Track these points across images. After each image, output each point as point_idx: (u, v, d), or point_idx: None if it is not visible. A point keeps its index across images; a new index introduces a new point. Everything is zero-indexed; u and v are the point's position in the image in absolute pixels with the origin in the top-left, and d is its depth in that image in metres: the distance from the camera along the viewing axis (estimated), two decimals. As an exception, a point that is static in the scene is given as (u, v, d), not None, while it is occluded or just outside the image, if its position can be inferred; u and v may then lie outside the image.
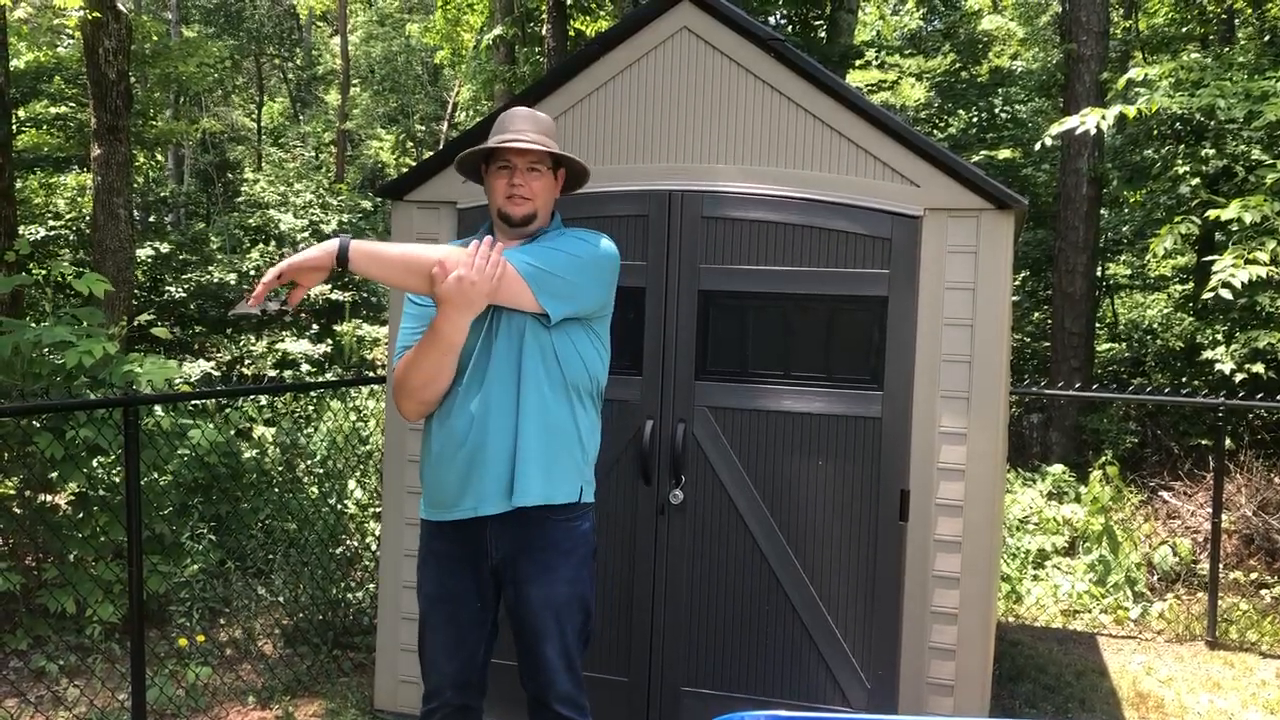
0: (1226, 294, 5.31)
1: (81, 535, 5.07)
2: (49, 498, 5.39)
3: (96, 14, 8.84)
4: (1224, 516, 6.27)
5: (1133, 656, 5.57)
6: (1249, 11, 11.07)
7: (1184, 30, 12.12)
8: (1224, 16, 11.56)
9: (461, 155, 2.88)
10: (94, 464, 5.25)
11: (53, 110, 14.74)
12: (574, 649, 2.80)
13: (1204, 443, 8.99)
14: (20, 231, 10.36)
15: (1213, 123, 8.84)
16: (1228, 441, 6.94)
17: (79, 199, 13.24)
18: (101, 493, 5.18)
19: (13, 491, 5.08)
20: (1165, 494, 7.84)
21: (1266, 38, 10.29)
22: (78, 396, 5.15)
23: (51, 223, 12.78)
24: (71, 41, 14.71)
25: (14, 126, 11.13)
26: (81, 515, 5.15)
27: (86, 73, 9.45)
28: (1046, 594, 6.45)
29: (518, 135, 2.76)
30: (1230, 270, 5.31)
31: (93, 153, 9.36)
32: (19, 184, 11.53)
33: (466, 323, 2.58)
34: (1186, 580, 6.66)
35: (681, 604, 3.79)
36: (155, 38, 15.09)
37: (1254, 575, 6.80)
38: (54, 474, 5.09)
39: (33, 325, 5.24)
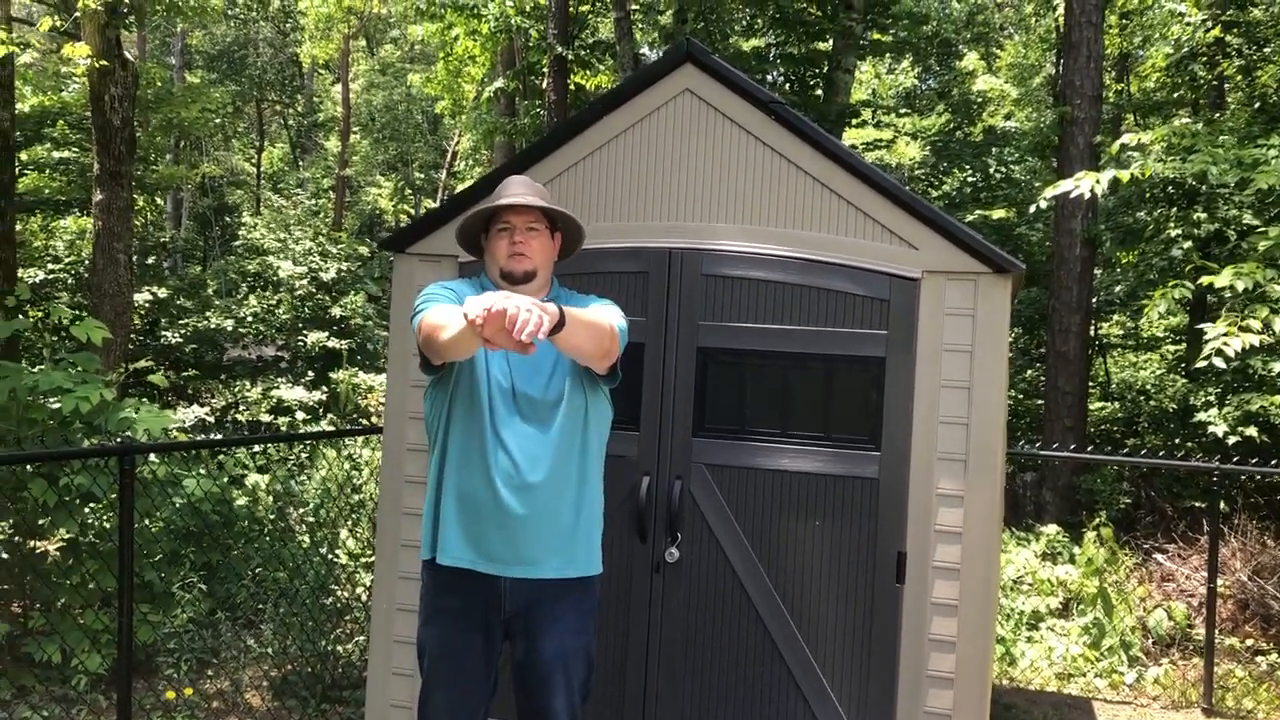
0: (1219, 362, 5.33)
1: (70, 583, 5.02)
2: (39, 544, 5.36)
3: (104, 62, 8.93)
4: (1219, 581, 6.25)
5: (1128, 722, 5.53)
6: (1239, 78, 11.26)
7: (1175, 95, 12.31)
8: (1215, 83, 11.75)
9: (462, 222, 2.94)
10: (86, 510, 5.21)
11: (55, 154, 14.82)
12: (577, 704, 2.82)
13: (1198, 504, 9.00)
14: (19, 274, 10.37)
15: (1205, 187, 8.95)
16: (1222, 504, 6.93)
17: (78, 242, 13.28)
18: (92, 539, 5.14)
19: (2, 538, 5.04)
20: (1159, 556, 7.82)
21: (1257, 105, 10.45)
22: (73, 443, 5.14)
23: (50, 266, 12.81)
24: (76, 86, 14.83)
25: (17, 170, 11.18)
26: (71, 562, 5.11)
27: (91, 118, 9.53)
28: (1041, 656, 6.41)
29: (516, 197, 2.84)
30: (1223, 339, 5.34)
31: (94, 198, 9.42)
32: (19, 226, 11.56)
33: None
34: (1181, 645, 6.62)
35: (676, 663, 3.76)
36: (159, 83, 15.23)
37: (1249, 641, 6.77)
38: (45, 520, 5.06)
39: (30, 370, 5.24)
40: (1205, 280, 5.71)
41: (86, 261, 11.62)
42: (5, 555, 5.05)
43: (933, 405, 3.54)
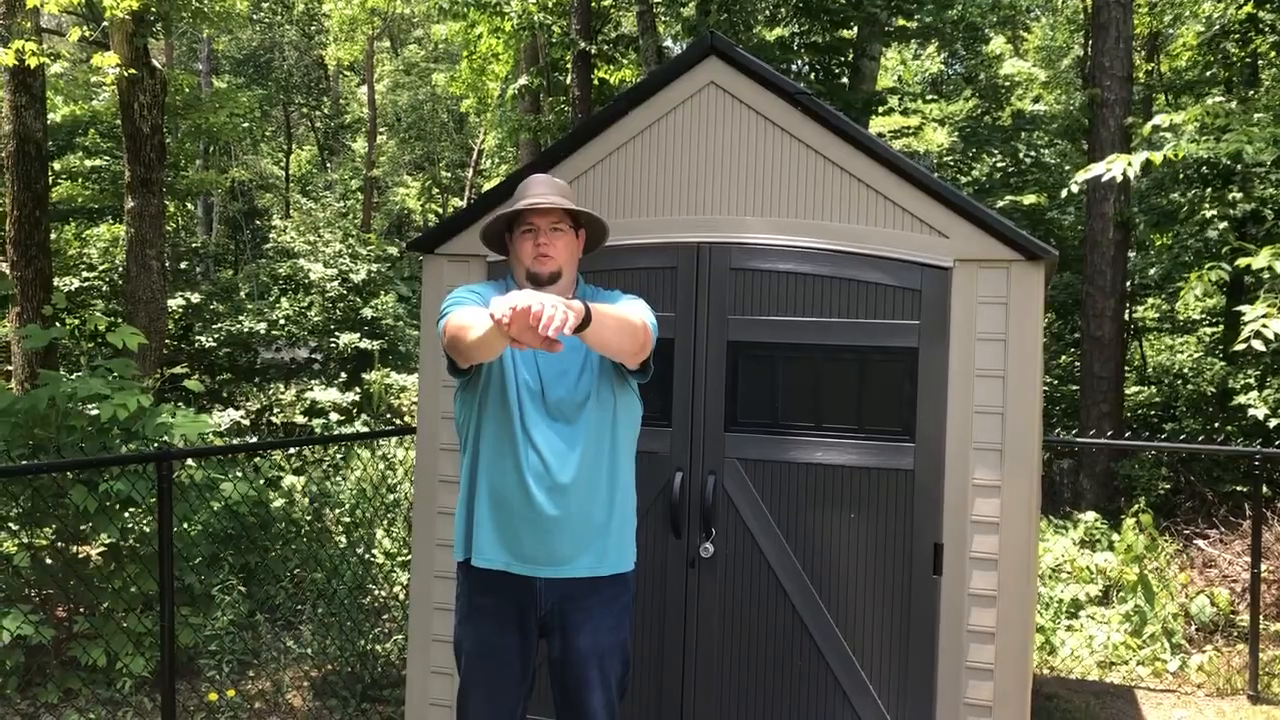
0: (1259, 344, 5.26)
1: (113, 587, 5.09)
2: (81, 549, 5.43)
3: (133, 70, 9.02)
4: (1263, 566, 6.16)
5: (1173, 711, 5.46)
6: (1273, 54, 11.08)
7: (1208, 74, 12.13)
8: (1248, 60, 11.56)
9: (486, 225, 2.96)
10: (125, 515, 5.28)
11: (88, 163, 15.00)
12: (615, 700, 2.82)
13: (1239, 489, 8.87)
14: (55, 283, 10.51)
15: (1240, 166, 8.82)
16: (1265, 489, 6.83)
17: (112, 249, 13.44)
18: (133, 543, 5.21)
19: (45, 543, 5.12)
20: (1201, 542, 7.73)
21: (1292, 81, 10.28)
22: (112, 450, 5.20)
23: (85, 274, 12.97)
24: (107, 95, 14.99)
25: (50, 179, 11.33)
26: (113, 567, 5.18)
27: (122, 126, 9.63)
28: (1081, 645, 6.35)
29: (539, 198, 2.84)
30: (1262, 321, 5.26)
31: (126, 205, 9.52)
32: (53, 235, 11.71)
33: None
34: (1225, 631, 6.53)
35: (712, 658, 3.75)
36: (187, 90, 15.37)
37: (1295, 626, 6.67)
38: (87, 526, 5.13)
39: (68, 378, 5.31)
40: (1242, 261, 5.63)
41: (120, 268, 11.75)
42: (49, 560, 5.12)
43: (967, 395, 3.51)
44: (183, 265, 16.29)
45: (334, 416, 10.70)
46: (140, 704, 4.97)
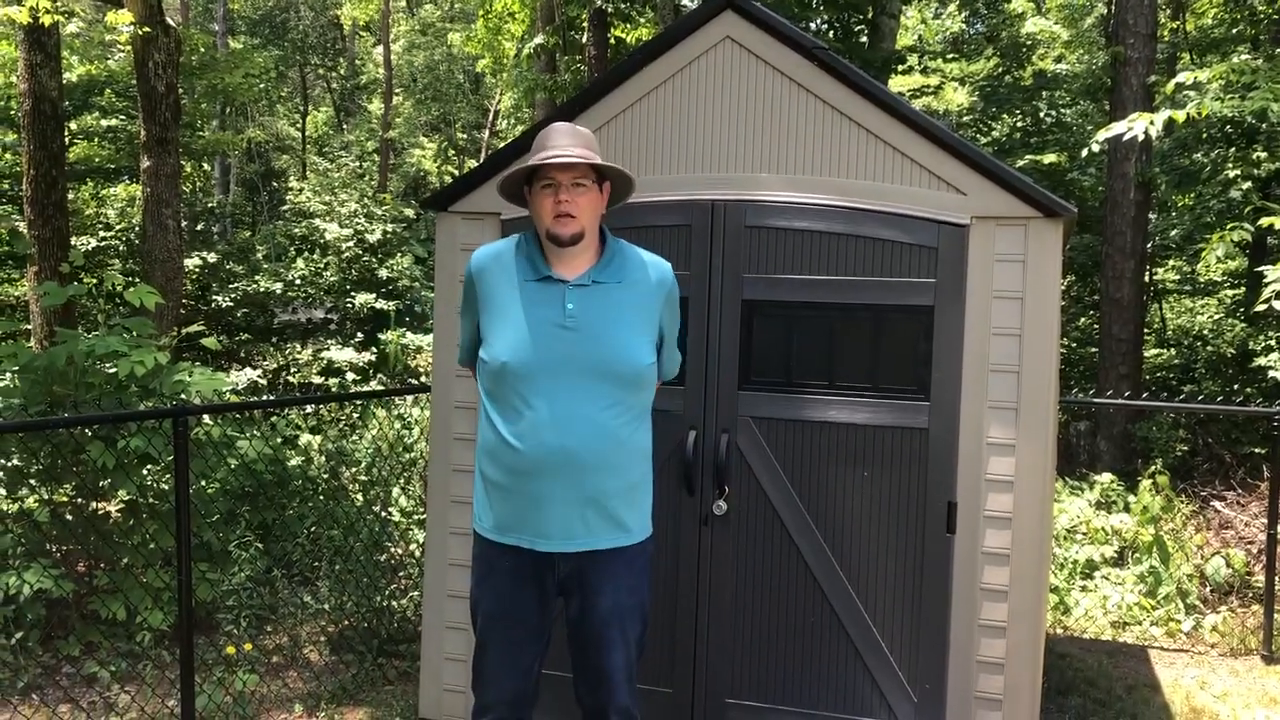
0: (1279, 305, 5.20)
1: (132, 543, 5.14)
2: (100, 505, 5.48)
3: (147, 29, 8.98)
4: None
5: (1185, 670, 5.47)
6: (1302, 11, 10.87)
7: (1234, 32, 11.92)
8: (1275, 17, 11.35)
9: (504, 177, 2.85)
10: (144, 472, 5.32)
11: (104, 123, 14.99)
12: (634, 660, 2.81)
13: (1257, 451, 8.83)
14: (72, 242, 10.54)
15: (1265, 126, 8.69)
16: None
17: (129, 209, 13.46)
18: (151, 500, 5.25)
19: (65, 500, 5.17)
20: (1217, 503, 7.70)
21: (1320, 38, 10.10)
22: (129, 406, 5.23)
23: (102, 233, 12.99)
24: (122, 55, 14.96)
25: (67, 139, 11.33)
26: (132, 523, 5.23)
27: (137, 86, 9.59)
28: (1095, 605, 6.35)
29: (561, 151, 2.71)
30: (1283, 281, 5.20)
31: (142, 165, 9.51)
32: (70, 195, 11.73)
33: None
34: (1240, 592, 6.52)
35: (725, 615, 3.77)
36: (202, 49, 15.30)
37: (1310, 587, 6.65)
38: (105, 482, 5.18)
39: (86, 336, 5.34)
40: (1265, 221, 5.56)
41: (137, 228, 11.78)
42: (69, 516, 5.18)
43: (983, 353, 3.49)
44: (199, 226, 16.31)
45: (350, 376, 10.73)
46: (159, 657, 5.04)
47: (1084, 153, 7.37)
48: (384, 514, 6.12)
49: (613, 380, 2.70)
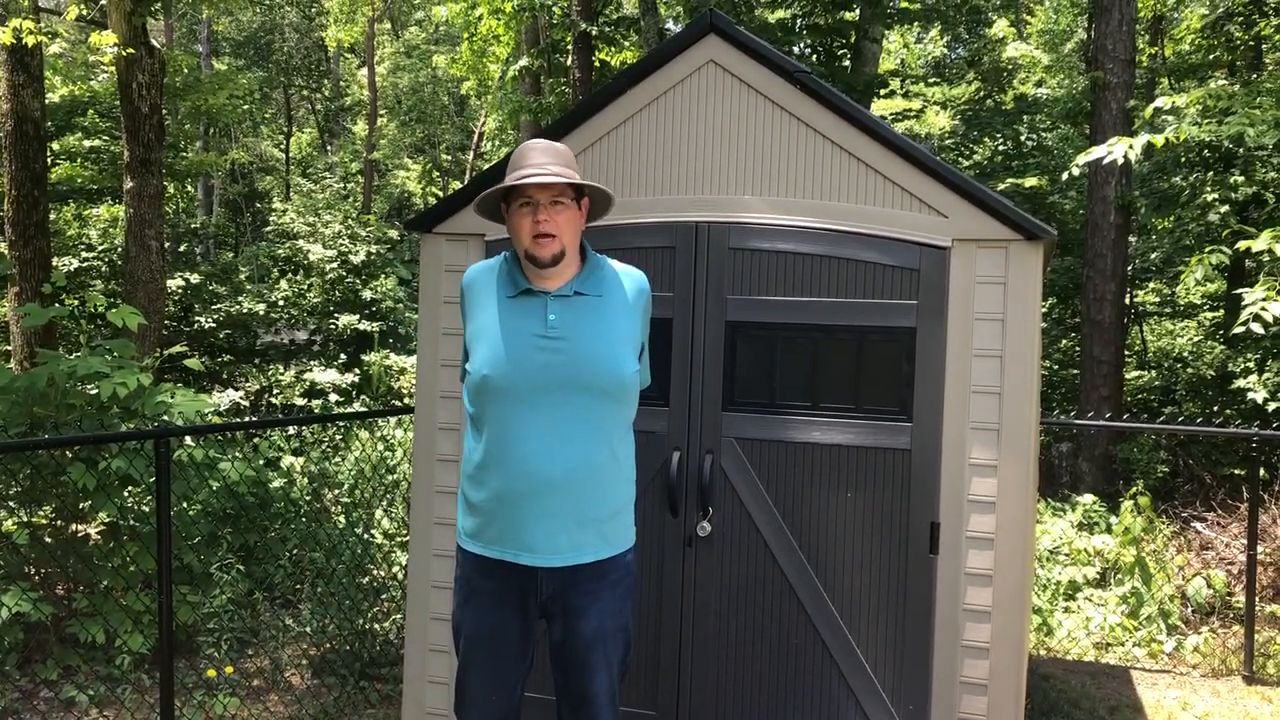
0: (1258, 328, 5.25)
1: (112, 565, 5.10)
2: (80, 528, 5.44)
3: (131, 50, 8.98)
4: (1259, 548, 6.17)
5: (1167, 691, 5.49)
6: (1277, 37, 11.03)
7: (1211, 57, 12.08)
8: (1251, 43, 11.52)
9: (480, 197, 2.82)
10: (125, 494, 5.29)
11: (86, 143, 14.96)
12: (616, 683, 2.80)
13: (1237, 472, 8.89)
14: (54, 263, 10.50)
15: (1242, 150, 8.79)
16: (1262, 471, 6.84)
17: (111, 230, 13.42)
18: (132, 522, 5.22)
19: (45, 522, 5.13)
20: (1198, 524, 7.74)
21: (1295, 64, 10.24)
22: (110, 428, 5.21)
23: (84, 254, 12.94)
24: (106, 75, 14.95)
25: (49, 160, 11.30)
26: (112, 545, 5.19)
27: (120, 107, 9.60)
28: (1078, 626, 6.37)
29: (537, 170, 2.68)
30: (1261, 304, 5.25)
31: (125, 185, 9.50)
32: (52, 216, 11.70)
33: None
34: (1221, 613, 6.55)
35: (709, 637, 3.76)
36: (186, 70, 15.32)
37: (1291, 608, 6.69)
38: (85, 504, 5.14)
39: (67, 357, 5.31)
40: (1243, 245, 5.62)
41: (119, 249, 11.74)
42: (48, 538, 5.14)
43: (964, 374, 3.51)
44: (182, 247, 16.28)
45: (333, 397, 10.70)
46: (139, 680, 4.99)
47: (1064, 176, 7.43)
48: (366, 536, 6.10)
49: (597, 393, 2.68)
